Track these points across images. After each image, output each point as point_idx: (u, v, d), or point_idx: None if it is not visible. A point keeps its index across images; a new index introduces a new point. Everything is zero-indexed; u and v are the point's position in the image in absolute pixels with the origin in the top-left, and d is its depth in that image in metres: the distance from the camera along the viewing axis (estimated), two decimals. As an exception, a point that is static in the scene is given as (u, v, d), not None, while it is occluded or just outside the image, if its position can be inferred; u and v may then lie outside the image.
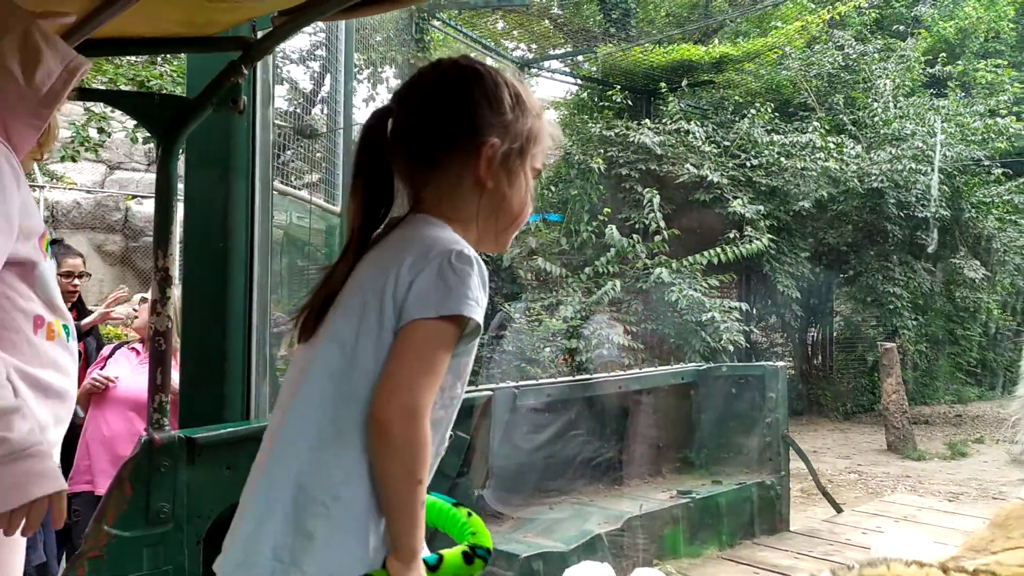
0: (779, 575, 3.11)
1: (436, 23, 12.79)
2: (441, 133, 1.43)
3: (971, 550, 2.42)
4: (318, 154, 6.92)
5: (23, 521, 1.58)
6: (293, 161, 7.01)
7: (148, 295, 3.71)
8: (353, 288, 1.37)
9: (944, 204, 12.22)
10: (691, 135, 11.93)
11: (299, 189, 6.01)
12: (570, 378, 4.61)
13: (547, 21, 16.12)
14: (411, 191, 1.45)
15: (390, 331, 1.30)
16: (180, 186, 2.76)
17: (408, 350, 1.28)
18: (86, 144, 8.41)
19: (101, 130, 8.53)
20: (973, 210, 12.79)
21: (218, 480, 2.65)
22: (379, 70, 14.12)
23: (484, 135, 1.41)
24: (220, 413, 3.05)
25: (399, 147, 1.43)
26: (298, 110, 8.90)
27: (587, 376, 5.11)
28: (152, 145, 10.34)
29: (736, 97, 13.59)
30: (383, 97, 13.07)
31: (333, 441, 1.29)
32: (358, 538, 1.27)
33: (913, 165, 11.82)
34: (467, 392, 3.43)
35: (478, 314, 1.30)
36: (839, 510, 4.50)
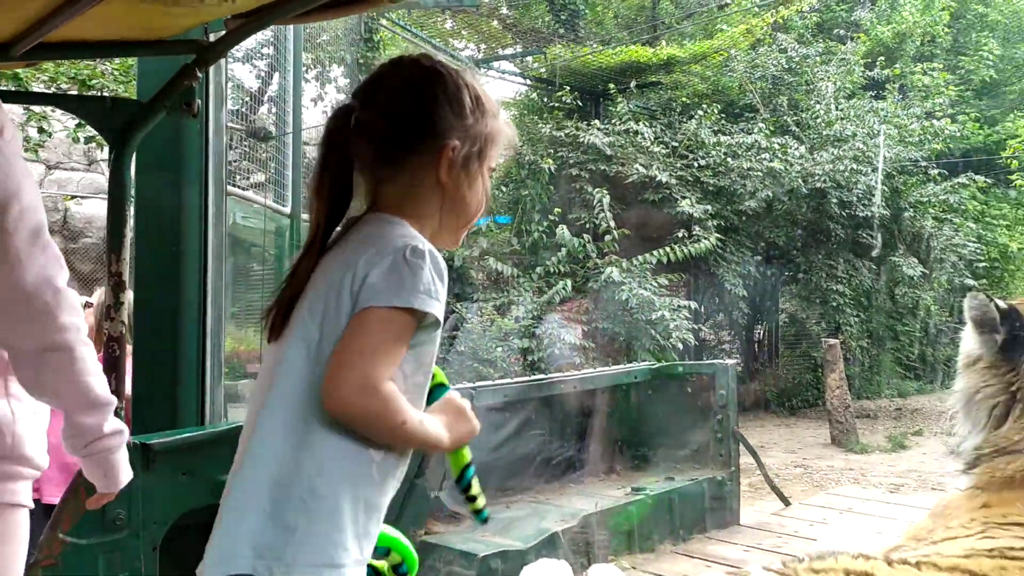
0: (730, 567, 3.19)
1: (385, 22, 12.74)
2: (405, 135, 1.46)
3: (913, 539, 2.50)
4: (264, 154, 6.85)
5: None
6: (239, 161, 6.93)
7: (92, 299, 3.65)
8: (316, 287, 1.39)
9: (884, 204, 12.56)
10: (640, 136, 12.06)
11: (245, 190, 5.96)
12: (527, 378, 4.66)
13: (496, 22, 16.16)
14: (372, 188, 1.48)
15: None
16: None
17: (356, 334, 1.31)
18: (26, 144, 8.21)
19: (41, 130, 8.34)
20: (911, 210, 13.16)
21: (174, 486, 2.63)
22: (327, 69, 14.01)
23: (446, 137, 1.44)
24: (174, 419, 3.03)
25: (363, 145, 1.46)
26: (244, 109, 8.78)
27: (544, 376, 5.16)
28: (93, 145, 10.14)
29: (684, 98, 13.78)
30: (332, 97, 12.97)
31: (305, 436, 1.31)
32: (337, 527, 1.30)
33: (854, 166, 12.12)
34: (424, 393, 3.44)
35: (432, 307, 1.33)
36: (787, 503, 4.62)
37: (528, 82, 15.79)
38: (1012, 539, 2.05)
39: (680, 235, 11.50)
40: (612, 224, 11.06)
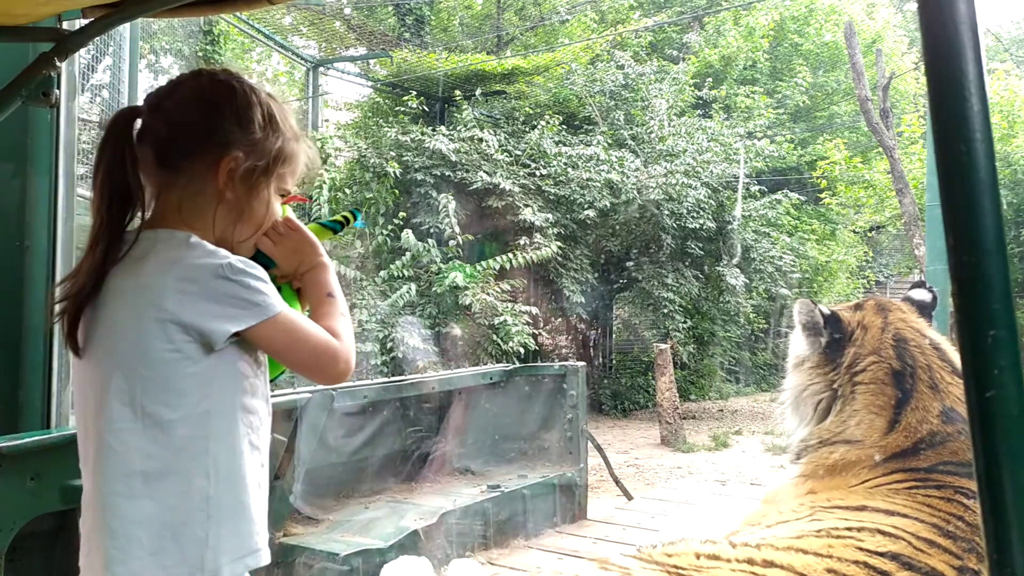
0: (580, 559, 3.35)
1: (225, 15, 12.32)
2: (187, 142, 1.49)
3: (749, 524, 2.73)
4: (85, 144, 6.50)
5: None
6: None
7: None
8: (118, 308, 1.41)
9: (711, 217, 13.31)
10: (484, 143, 12.23)
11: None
12: (386, 379, 4.68)
13: (339, 22, 15.94)
14: (155, 194, 1.51)
15: (190, 352, 1.39)
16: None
17: (279, 344, 1.47)
18: None
19: None
20: (734, 223, 14.04)
21: (22, 491, 2.50)
22: (157, 60, 13.39)
23: (228, 148, 1.48)
24: (15, 421, 2.87)
25: (145, 150, 1.48)
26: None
27: (403, 377, 5.19)
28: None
29: (527, 108, 14.09)
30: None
31: (145, 468, 1.38)
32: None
33: (684, 180, 12.75)
34: (284, 396, 3.42)
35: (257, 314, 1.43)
36: (630, 498, 4.87)
37: (373, 84, 15.68)
38: (836, 520, 2.30)
39: (522, 242, 11.75)
40: (457, 229, 11.18)
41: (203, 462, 1.39)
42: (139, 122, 1.49)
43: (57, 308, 1.45)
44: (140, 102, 1.53)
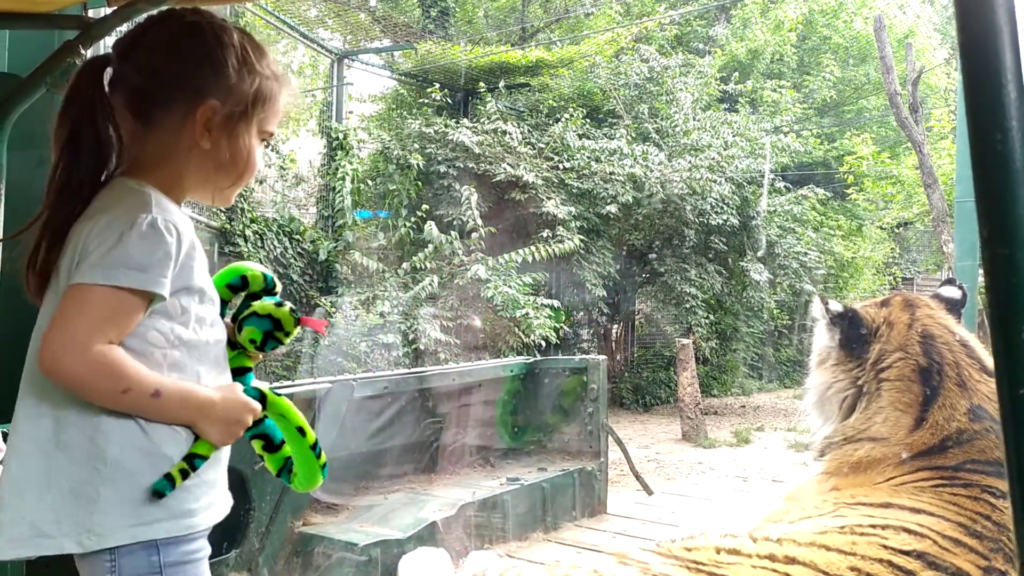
0: (599, 553, 3.34)
1: (250, 6, 12.36)
2: (160, 93, 1.43)
3: (770, 521, 2.70)
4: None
5: None
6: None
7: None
8: (63, 253, 1.38)
9: (735, 212, 13.22)
10: (508, 136, 12.22)
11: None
12: (407, 370, 4.68)
13: (364, 14, 15.97)
14: (129, 146, 1.45)
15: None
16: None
17: (69, 303, 1.32)
18: None
19: None
20: (758, 218, 13.93)
21: None
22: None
23: (203, 96, 1.42)
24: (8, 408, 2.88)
25: (117, 99, 1.43)
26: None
27: (423, 368, 5.20)
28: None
29: (551, 101, 14.05)
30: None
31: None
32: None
33: (708, 175, 12.67)
34: (305, 384, 3.42)
35: (143, 282, 1.32)
36: (650, 493, 4.84)
37: (397, 77, 15.70)
38: (860, 517, 2.26)
39: (545, 235, 11.73)
40: (479, 222, 11.17)
41: None
42: (109, 71, 1.43)
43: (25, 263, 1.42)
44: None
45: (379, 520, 3.31)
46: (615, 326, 14.88)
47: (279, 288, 1.63)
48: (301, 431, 1.57)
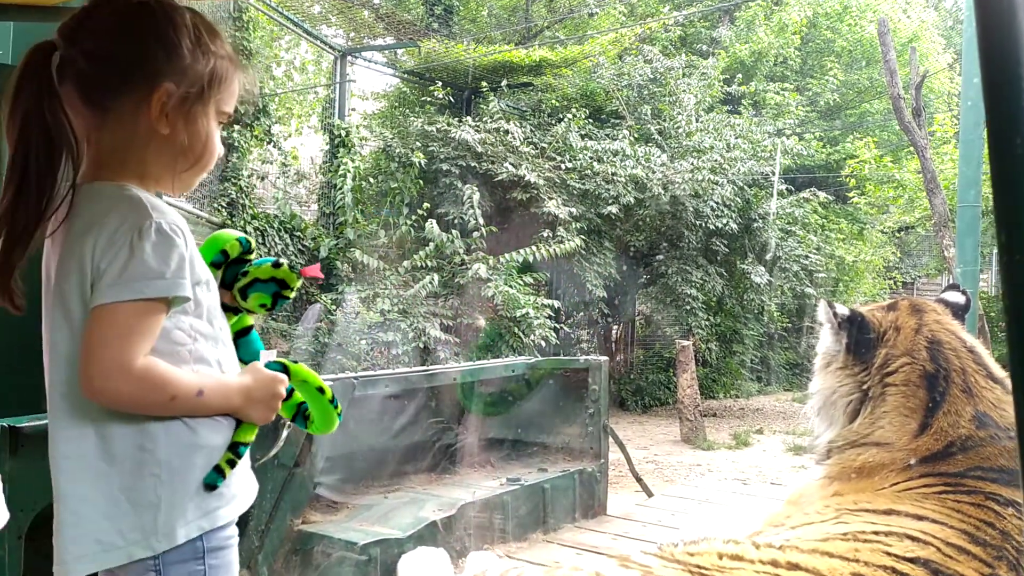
0: (599, 555, 3.33)
1: (254, 1, 12.37)
2: (112, 79, 1.37)
3: (771, 525, 2.69)
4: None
5: None
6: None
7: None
8: (61, 270, 1.34)
9: (736, 214, 13.21)
10: (510, 135, 12.20)
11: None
12: (407, 369, 4.67)
13: (367, 11, 15.95)
14: (85, 136, 1.40)
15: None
16: None
17: (97, 326, 1.31)
18: None
19: None
20: (760, 221, 13.92)
21: (43, 472, 2.51)
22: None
23: (157, 80, 1.38)
24: (37, 402, 2.87)
25: (69, 89, 1.37)
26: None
27: (424, 367, 5.19)
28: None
29: (553, 101, 14.04)
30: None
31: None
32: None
33: (711, 176, 12.66)
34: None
35: (167, 290, 1.32)
36: (650, 495, 4.83)
37: (400, 75, 15.68)
38: (863, 524, 2.25)
39: (546, 235, 11.72)
40: (480, 221, 11.17)
41: None
42: (57, 56, 1.35)
43: None
44: None
45: (379, 519, 3.30)
46: (615, 327, 14.87)
47: (254, 245, 1.68)
48: (320, 390, 1.67)
